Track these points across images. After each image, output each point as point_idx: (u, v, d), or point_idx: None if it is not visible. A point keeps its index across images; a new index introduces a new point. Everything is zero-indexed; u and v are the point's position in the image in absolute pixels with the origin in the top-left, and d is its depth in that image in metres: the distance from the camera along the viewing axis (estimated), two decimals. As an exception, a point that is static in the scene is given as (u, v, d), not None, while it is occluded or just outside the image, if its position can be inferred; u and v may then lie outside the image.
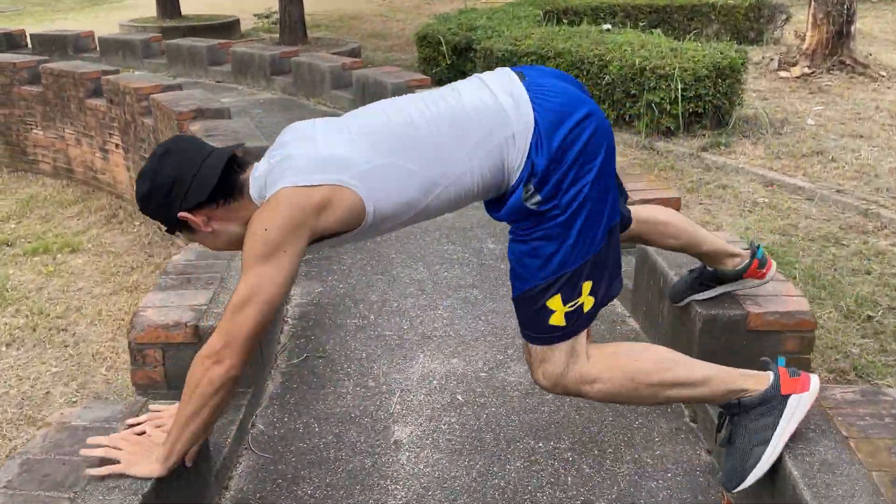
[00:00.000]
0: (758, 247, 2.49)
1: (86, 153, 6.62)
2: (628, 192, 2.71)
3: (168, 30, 14.34)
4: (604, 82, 7.23)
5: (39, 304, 4.69)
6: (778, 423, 1.94)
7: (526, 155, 1.85)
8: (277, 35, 12.51)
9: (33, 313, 4.55)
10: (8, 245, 5.69)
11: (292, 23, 11.95)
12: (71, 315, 4.55)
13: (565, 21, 9.87)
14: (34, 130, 7.05)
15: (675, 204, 3.80)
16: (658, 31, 7.91)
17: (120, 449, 1.88)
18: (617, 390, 1.99)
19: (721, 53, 7.01)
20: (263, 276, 1.76)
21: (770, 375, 2.00)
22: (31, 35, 10.45)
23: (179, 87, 5.77)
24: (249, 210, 1.86)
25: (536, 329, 1.96)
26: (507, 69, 1.98)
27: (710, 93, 6.90)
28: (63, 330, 4.38)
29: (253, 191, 1.87)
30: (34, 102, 6.91)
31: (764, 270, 2.50)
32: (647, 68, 6.92)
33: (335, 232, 1.87)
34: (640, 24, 11.06)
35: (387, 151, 1.85)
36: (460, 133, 1.87)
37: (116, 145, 6.21)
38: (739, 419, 1.99)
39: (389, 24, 15.88)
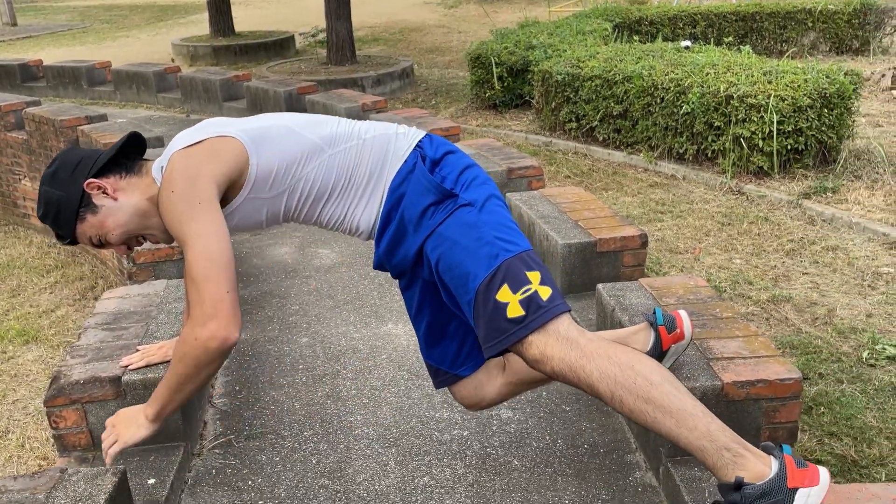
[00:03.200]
0: (653, 312, 2.23)
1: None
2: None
3: (220, 49, 13.72)
4: (681, 112, 5.99)
5: (-39, 424, 3.78)
6: None
7: (413, 146, 2.00)
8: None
9: (-52, 439, 3.64)
10: (-38, 329, 4.84)
11: (340, 42, 11.18)
12: (-9, 443, 3.61)
13: (637, 37, 8.60)
14: (23, 181, 6.24)
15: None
16: (748, 48, 6.60)
17: (113, 427, 1.97)
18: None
19: (827, 78, 5.68)
20: (200, 235, 1.77)
21: (772, 461, 1.72)
22: (45, 67, 9.75)
23: (160, 140, 4.82)
24: (151, 188, 1.95)
25: (498, 332, 1.83)
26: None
27: (814, 126, 5.59)
28: (-28, 469, 3.45)
29: (155, 171, 1.96)
30: (20, 151, 6.09)
31: (678, 330, 2.21)
32: (735, 96, 5.66)
33: (230, 181, 1.89)
34: (726, 37, 9.69)
35: (283, 119, 2.01)
36: (356, 127, 2.03)
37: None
38: None
39: (451, 36, 14.88)
